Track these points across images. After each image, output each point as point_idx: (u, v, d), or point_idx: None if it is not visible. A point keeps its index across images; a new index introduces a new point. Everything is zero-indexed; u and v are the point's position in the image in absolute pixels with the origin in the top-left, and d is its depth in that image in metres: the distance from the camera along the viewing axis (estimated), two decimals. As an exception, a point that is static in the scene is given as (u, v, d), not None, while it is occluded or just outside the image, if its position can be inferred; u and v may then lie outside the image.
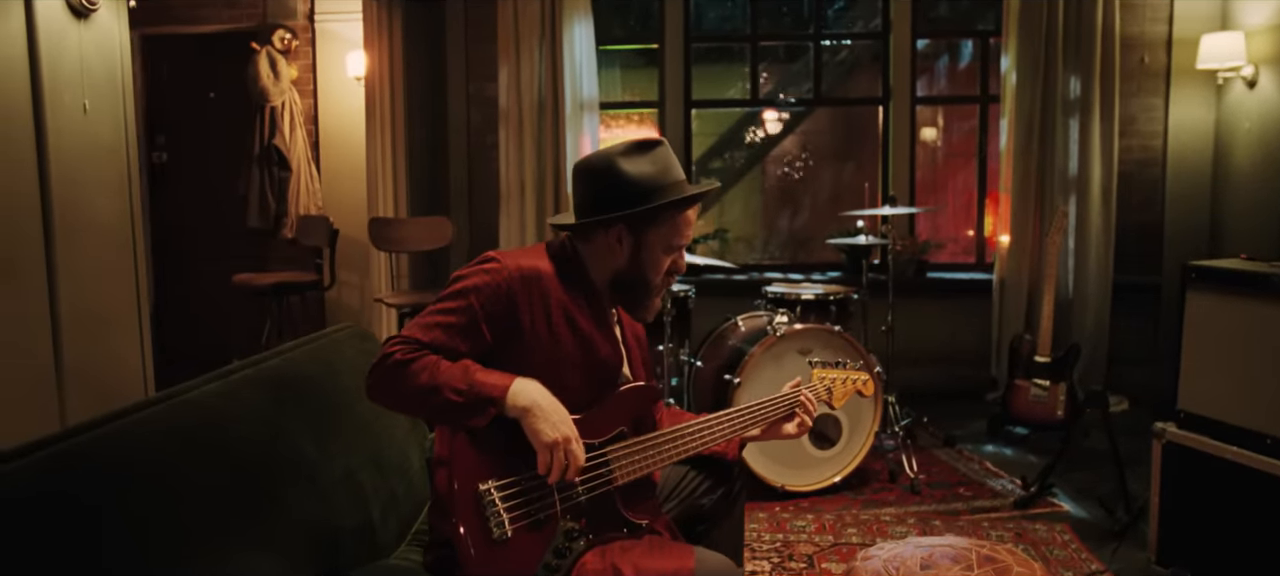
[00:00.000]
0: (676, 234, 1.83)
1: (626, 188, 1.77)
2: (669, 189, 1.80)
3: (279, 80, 5.26)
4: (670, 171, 1.82)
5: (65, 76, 2.41)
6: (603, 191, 1.79)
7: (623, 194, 1.77)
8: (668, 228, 1.81)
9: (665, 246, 1.83)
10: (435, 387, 1.61)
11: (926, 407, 4.49)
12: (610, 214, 1.77)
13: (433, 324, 1.69)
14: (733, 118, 6.20)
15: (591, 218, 1.79)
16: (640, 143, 1.83)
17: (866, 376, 2.27)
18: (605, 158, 1.81)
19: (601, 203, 1.79)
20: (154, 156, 5.74)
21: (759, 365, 3.49)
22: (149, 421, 1.53)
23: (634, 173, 1.78)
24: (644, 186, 1.78)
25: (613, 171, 1.78)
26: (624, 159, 1.79)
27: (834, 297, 4.06)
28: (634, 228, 1.80)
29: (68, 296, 2.39)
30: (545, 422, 1.62)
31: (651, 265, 1.83)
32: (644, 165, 1.80)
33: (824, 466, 3.59)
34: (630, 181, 1.78)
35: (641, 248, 1.81)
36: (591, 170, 1.82)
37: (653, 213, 1.79)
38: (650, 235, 1.81)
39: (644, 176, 1.79)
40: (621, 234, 1.80)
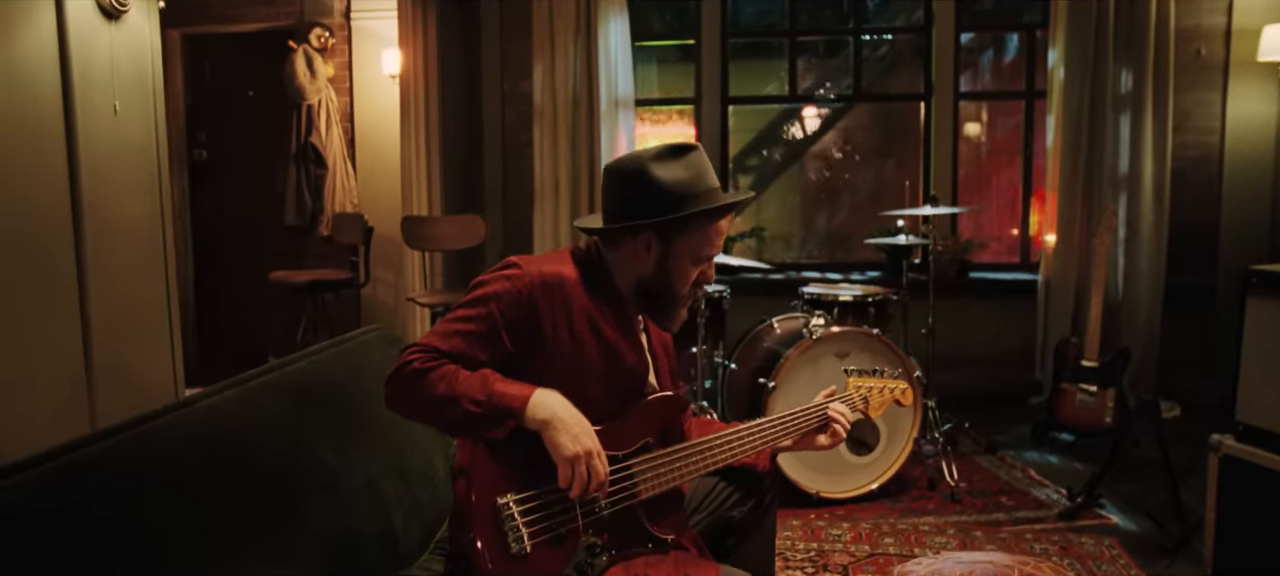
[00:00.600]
0: (707, 244, 1.76)
1: (657, 194, 1.71)
2: (701, 197, 1.73)
3: (315, 78, 5.29)
4: (703, 178, 1.76)
5: (96, 78, 2.41)
6: (632, 196, 1.73)
7: (653, 200, 1.71)
8: (698, 237, 1.75)
9: (694, 257, 1.76)
10: (453, 398, 1.57)
11: (968, 412, 4.36)
12: (639, 220, 1.71)
13: (452, 331, 1.64)
14: (771, 114, 6.10)
15: (620, 223, 1.74)
16: (675, 147, 1.77)
17: (905, 385, 2.19)
18: (637, 161, 1.75)
19: (631, 208, 1.73)
20: (195, 154, 5.81)
21: (794, 369, 3.41)
22: (166, 429, 1.51)
23: (666, 178, 1.72)
24: (676, 193, 1.72)
25: (644, 176, 1.72)
26: (656, 163, 1.73)
27: (872, 299, 3.96)
28: (663, 236, 1.74)
29: (98, 297, 2.39)
30: (566, 435, 1.56)
31: (679, 275, 1.76)
32: (677, 171, 1.73)
33: (861, 473, 3.50)
34: (662, 188, 1.71)
35: (669, 256, 1.75)
36: (622, 173, 1.76)
37: (682, 221, 1.72)
38: (679, 244, 1.75)
39: (676, 183, 1.72)
40: (650, 241, 1.74)
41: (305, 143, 5.35)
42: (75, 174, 2.32)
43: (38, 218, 2.24)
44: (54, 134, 2.28)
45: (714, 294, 4.02)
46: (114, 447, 1.39)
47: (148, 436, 1.46)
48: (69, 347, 2.32)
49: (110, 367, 2.42)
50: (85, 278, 2.34)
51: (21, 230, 2.17)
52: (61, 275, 2.32)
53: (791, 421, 1.94)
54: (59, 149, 2.29)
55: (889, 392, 2.17)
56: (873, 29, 5.75)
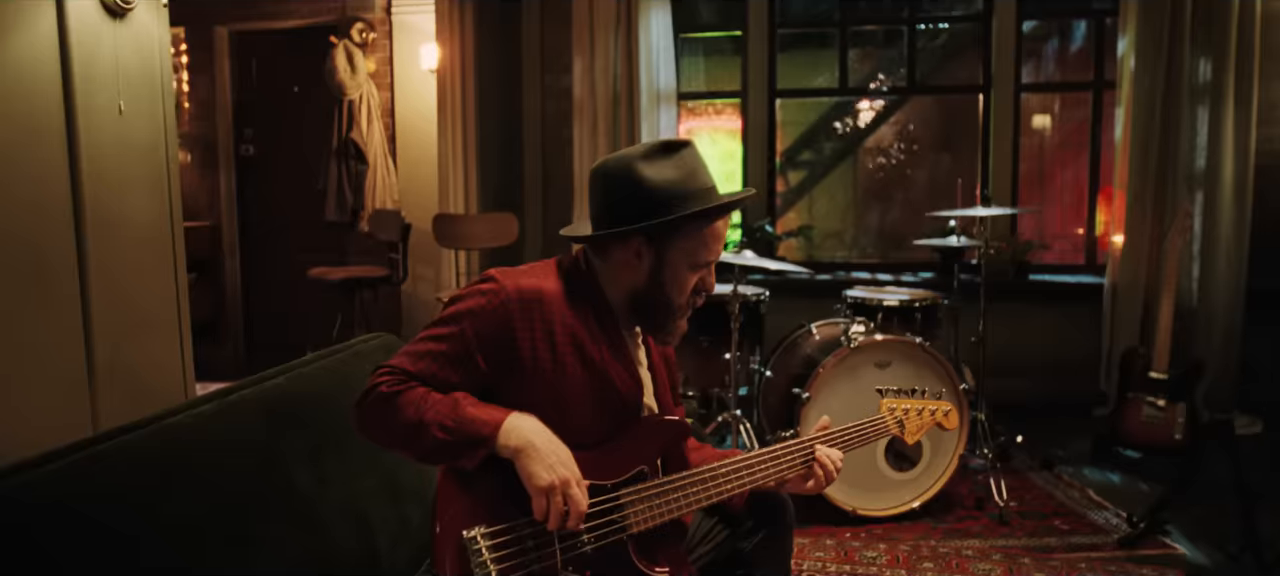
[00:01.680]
0: (703, 249, 1.62)
1: (645, 196, 1.57)
2: (694, 197, 1.58)
3: (356, 73, 5.26)
4: (696, 177, 1.61)
5: (99, 77, 2.37)
6: (619, 200, 1.59)
7: (641, 203, 1.57)
8: (693, 242, 1.60)
9: (690, 263, 1.62)
10: (421, 424, 1.45)
11: (1022, 425, 4.10)
12: (626, 225, 1.57)
13: (422, 352, 1.53)
14: (822, 108, 5.88)
15: (606, 230, 1.60)
16: (665, 144, 1.62)
17: (949, 407, 2.01)
18: (623, 161, 1.61)
19: (618, 212, 1.59)
20: (242, 150, 5.85)
21: (831, 379, 3.23)
22: (114, 454, 1.42)
23: (654, 178, 1.58)
24: (665, 194, 1.57)
25: (630, 177, 1.58)
26: (644, 162, 1.59)
27: (920, 304, 3.74)
28: (654, 241, 1.59)
29: (100, 297, 2.35)
30: (540, 464, 1.43)
31: (674, 284, 1.62)
32: (666, 170, 1.59)
33: (902, 490, 3.30)
34: (650, 188, 1.57)
35: (663, 264, 1.61)
36: (607, 175, 1.62)
37: (675, 224, 1.58)
38: (673, 250, 1.60)
39: (666, 183, 1.58)
40: (640, 248, 1.60)
41: (346, 138, 5.33)
42: (76, 174, 2.28)
43: (38, 218, 2.20)
44: (55, 134, 2.24)
45: (751, 297, 3.85)
46: (47, 477, 1.30)
47: (90, 463, 1.37)
48: (69, 348, 2.28)
49: (114, 369, 2.38)
50: (87, 277, 2.30)
51: (21, 230, 2.13)
52: (62, 275, 2.28)
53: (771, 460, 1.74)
54: (60, 149, 2.25)
55: (929, 415, 2.00)
56: (929, 17, 5.48)
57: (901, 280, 4.89)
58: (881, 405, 1.96)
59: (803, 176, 5.97)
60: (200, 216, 5.82)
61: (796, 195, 5.92)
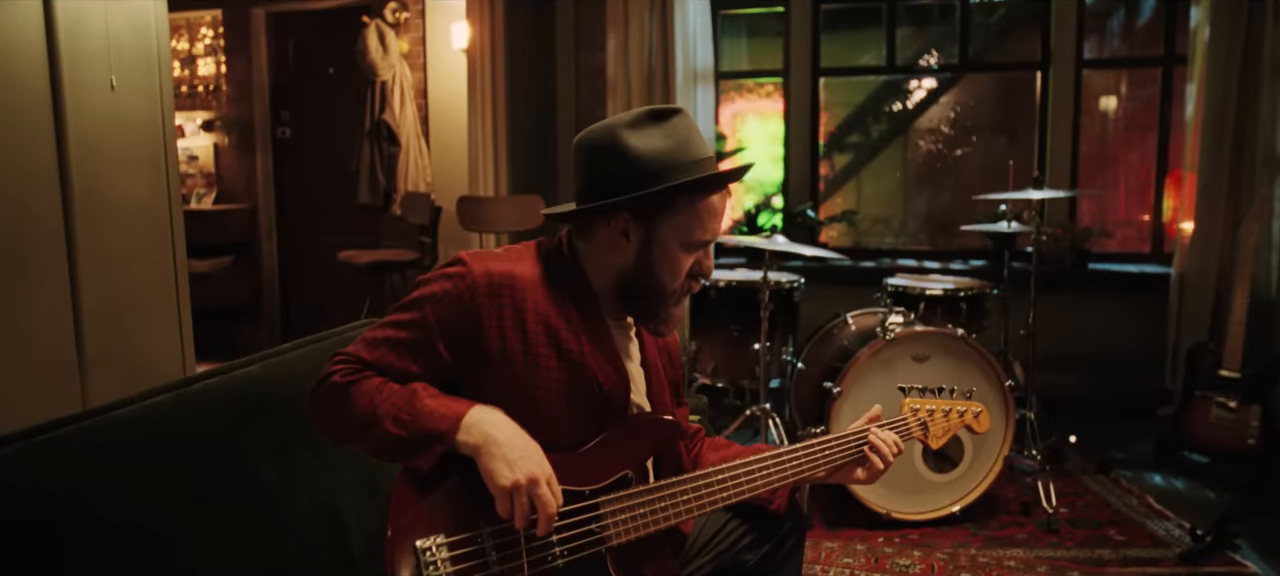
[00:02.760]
0: (697, 226, 1.45)
1: (631, 167, 1.41)
2: (685, 168, 1.42)
3: (388, 54, 5.18)
4: (689, 147, 1.44)
5: (88, 50, 2.28)
6: (602, 172, 1.43)
7: (626, 175, 1.41)
8: (685, 217, 1.43)
9: (684, 242, 1.45)
10: (374, 416, 1.32)
11: (1076, 424, 3.83)
12: (609, 199, 1.41)
13: (380, 339, 1.39)
14: (869, 88, 5.61)
15: (588, 204, 1.44)
16: (654, 111, 1.46)
17: (979, 408, 1.81)
18: (607, 130, 1.45)
19: (601, 186, 1.43)
20: (278, 132, 5.83)
21: (864, 373, 3.02)
22: (48, 449, 1.31)
23: (641, 148, 1.41)
24: (654, 165, 1.41)
25: (615, 147, 1.42)
26: (629, 131, 1.43)
27: (966, 293, 3.51)
28: (642, 217, 1.43)
29: (91, 278, 2.28)
30: (501, 462, 1.28)
31: (666, 266, 1.45)
32: (655, 139, 1.42)
33: (941, 492, 3.08)
34: (636, 159, 1.41)
35: (653, 243, 1.44)
36: (590, 146, 1.46)
37: (665, 198, 1.41)
38: (664, 227, 1.43)
39: (654, 153, 1.41)
40: (627, 225, 1.44)
41: (378, 120, 5.26)
42: (64, 151, 2.19)
43: (23, 196, 2.11)
44: (40, 110, 2.15)
45: (786, 284, 3.66)
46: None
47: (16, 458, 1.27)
48: (58, 331, 2.20)
49: (105, 352, 2.31)
50: (76, 257, 2.23)
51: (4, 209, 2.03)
52: (50, 255, 2.21)
53: (822, 451, 1.60)
54: (46, 126, 2.16)
55: (957, 417, 1.81)
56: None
57: (949, 268, 4.63)
58: (903, 405, 1.77)
59: (848, 159, 5.71)
60: (237, 199, 5.82)
61: (842, 179, 5.68)
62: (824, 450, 1.61)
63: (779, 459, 1.56)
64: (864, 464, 1.64)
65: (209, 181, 5.80)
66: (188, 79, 5.84)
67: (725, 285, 3.65)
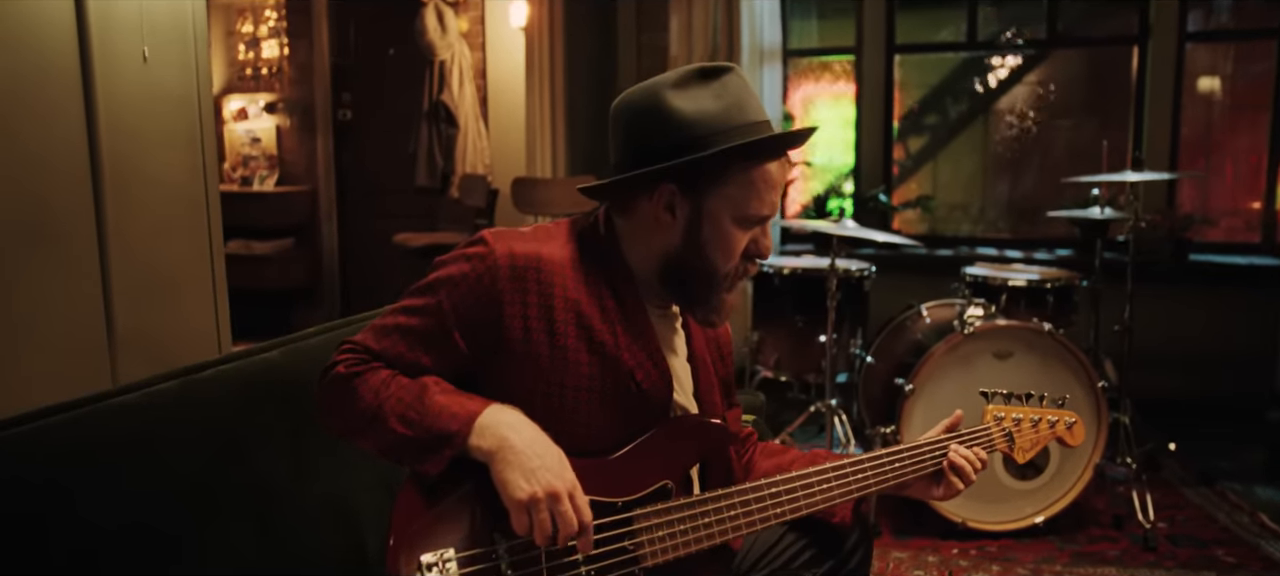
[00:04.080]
0: (754, 198, 1.26)
1: (676, 131, 1.23)
2: (738, 132, 1.23)
3: (446, 33, 5.08)
4: (743, 109, 1.25)
5: (119, 19, 2.20)
6: (643, 139, 1.26)
7: (671, 141, 1.23)
8: (739, 188, 1.25)
9: (738, 216, 1.26)
10: (379, 413, 1.17)
11: (1176, 430, 3.51)
12: (651, 166, 1.23)
13: (390, 327, 1.24)
14: (949, 65, 5.28)
15: (628, 173, 1.26)
16: (703, 69, 1.27)
17: (1073, 418, 1.60)
18: (649, 91, 1.27)
19: (642, 153, 1.25)
20: (339, 114, 5.80)
21: (939, 370, 2.78)
22: (33, 439, 1.20)
23: (687, 110, 1.23)
24: (702, 129, 1.22)
25: (657, 109, 1.24)
26: (674, 91, 1.25)
27: (1053, 284, 3.24)
28: (689, 188, 1.25)
29: (120, 256, 2.20)
30: (518, 471, 1.12)
31: (718, 245, 1.27)
32: (703, 99, 1.24)
33: (1023, 501, 2.83)
34: (682, 122, 1.23)
35: (702, 219, 1.26)
36: (630, 109, 1.28)
37: (715, 165, 1.23)
38: (714, 199, 1.25)
39: (703, 115, 1.23)
40: (672, 198, 1.25)
41: (437, 101, 5.17)
42: (93, 126, 2.11)
43: (50, 171, 2.03)
44: (68, 81, 2.08)
45: (856, 272, 3.42)
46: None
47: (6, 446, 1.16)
48: (87, 311, 2.13)
49: (136, 332, 2.23)
50: (105, 234, 2.15)
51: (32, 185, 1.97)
52: (78, 233, 2.14)
53: (892, 464, 1.41)
54: (75, 98, 2.09)
55: (1048, 427, 1.60)
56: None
57: (1033, 258, 4.32)
58: (985, 412, 1.56)
59: (924, 142, 5.40)
60: (299, 181, 5.82)
61: (918, 163, 5.37)
62: (896, 464, 1.42)
63: (842, 472, 1.37)
64: (941, 481, 1.43)
65: (271, 163, 5.81)
66: (252, 61, 5.85)
67: (790, 272, 3.44)
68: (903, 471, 1.41)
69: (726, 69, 1.27)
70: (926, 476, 1.44)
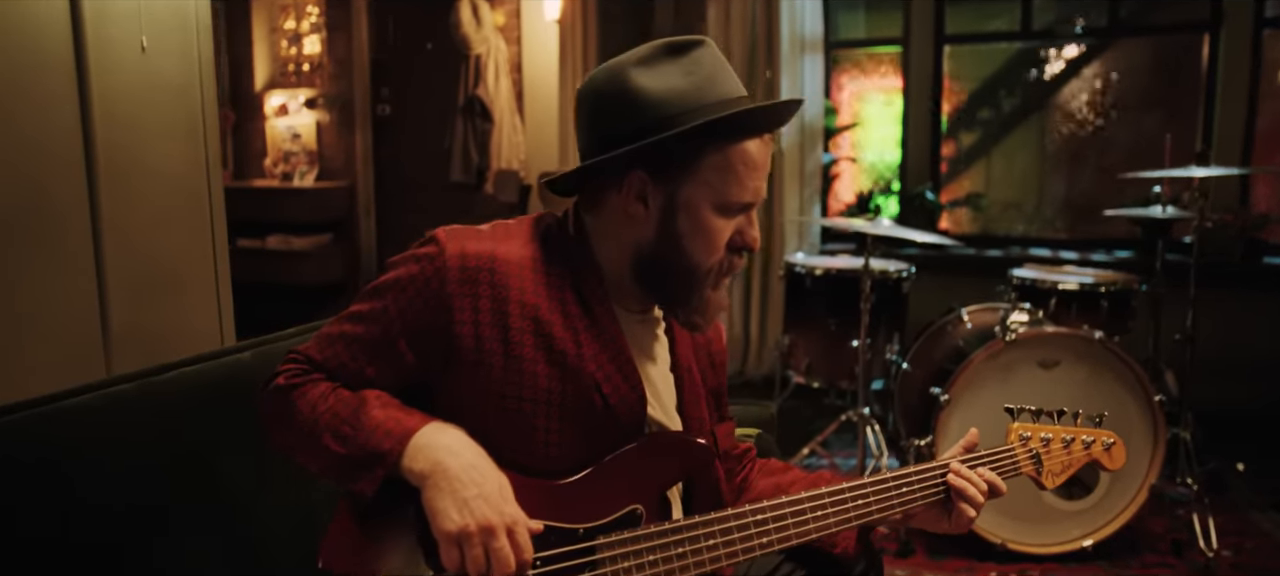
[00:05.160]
0: (733, 182, 1.12)
1: (643, 112, 1.10)
2: (712, 110, 1.10)
3: (481, 27, 5.02)
4: (717, 85, 1.12)
5: (116, 8, 2.14)
6: (607, 124, 1.13)
7: (637, 122, 1.10)
8: (716, 172, 1.11)
9: (717, 203, 1.13)
10: (314, 428, 1.07)
11: (1244, 448, 3.24)
12: (617, 150, 1.10)
13: (335, 334, 1.14)
14: (1002, 57, 5.03)
15: (592, 159, 1.14)
16: (669, 44, 1.14)
17: (1112, 438, 1.43)
18: (611, 71, 1.14)
19: (606, 139, 1.13)
20: (377, 109, 5.79)
21: (978, 378, 2.60)
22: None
23: (654, 88, 1.10)
24: (670, 109, 1.09)
25: (622, 90, 1.12)
26: (639, 68, 1.12)
27: (1107, 288, 3.02)
28: (660, 174, 1.12)
29: (116, 249, 2.15)
30: (449, 499, 1.01)
31: (698, 237, 1.13)
32: (671, 76, 1.11)
33: (1069, 523, 2.62)
34: (648, 101, 1.10)
35: (677, 209, 1.13)
36: (593, 92, 1.16)
37: (688, 146, 1.10)
38: (690, 186, 1.12)
39: (672, 94, 1.10)
40: (644, 186, 1.13)
41: (472, 95, 5.11)
42: (88, 117, 2.06)
43: (42, 164, 1.98)
44: (62, 71, 2.03)
45: (893, 272, 3.24)
46: None
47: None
48: (81, 307, 2.08)
49: (132, 327, 2.19)
50: (100, 227, 2.10)
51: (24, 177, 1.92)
52: (72, 227, 2.10)
53: (897, 489, 1.26)
54: (68, 89, 2.04)
55: (1082, 448, 1.43)
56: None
57: (1090, 259, 4.08)
58: (1010, 431, 1.40)
59: (976, 137, 5.15)
60: (338, 176, 5.82)
61: (969, 159, 5.13)
62: (898, 488, 1.27)
63: (839, 497, 1.22)
64: (949, 509, 1.28)
65: (311, 159, 5.82)
66: (295, 57, 5.87)
67: (822, 273, 3.27)
68: (907, 497, 1.26)
69: (698, 42, 1.14)
70: (935, 504, 1.28)
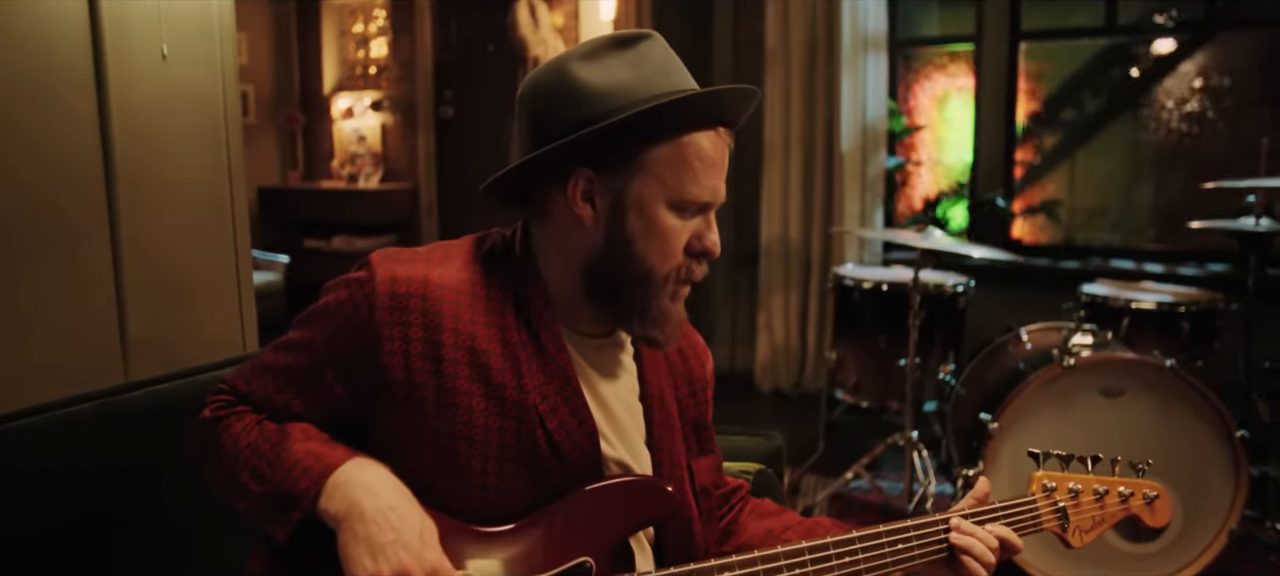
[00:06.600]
0: (687, 176, 1.02)
1: (586, 105, 1.01)
2: (656, 100, 1.00)
3: (538, 28, 4.98)
4: (667, 76, 1.02)
5: (136, 16, 2.13)
6: (548, 120, 1.03)
7: (580, 115, 1.01)
8: (667, 166, 1.01)
9: (671, 200, 1.02)
10: (234, 465, 1.00)
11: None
12: (556, 143, 1.00)
13: (263, 365, 1.07)
14: (1087, 53, 4.71)
15: (528, 156, 1.04)
16: (615, 38, 1.04)
17: (1155, 491, 1.27)
18: (553, 66, 1.05)
19: (547, 137, 1.03)
20: (441, 111, 5.83)
21: (1031, 406, 2.39)
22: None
23: (597, 82, 1.01)
24: (615, 101, 1.00)
25: (563, 84, 1.02)
26: (582, 62, 1.02)
27: (1188, 308, 2.76)
28: (606, 169, 1.02)
29: (135, 260, 2.15)
30: (363, 544, 0.92)
31: (651, 238, 1.03)
32: (617, 69, 1.01)
33: (1134, 568, 2.39)
34: (591, 94, 1.00)
35: (627, 208, 1.02)
36: (533, 90, 1.07)
37: (635, 136, 1.00)
38: (639, 183, 1.02)
39: (617, 86, 1.00)
40: (590, 184, 1.03)
41: (529, 98, 5.08)
42: (107, 125, 2.06)
43: (61, 174, 1.99)
44: (80, 80, 2.03)
45: (950, 286, 3.05)
46: None
47: None
48: (98, 317, 2.07)
49: (152, 340, 2.18)
50: (118, 237, 2.09)
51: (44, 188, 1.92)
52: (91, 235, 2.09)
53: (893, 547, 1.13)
54: (87, 98, 2.04)
55: (1117, 502, 1.28)
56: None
57: (1176, 273, 3.76)
58: (1031, 480, 1.24)
59: (1057, 140, 4.85)
60: (401, 178, 5.88)
61: (1048, 164, 4.83)
62: (892, 544, 1.13)
63: (821, 553, 1.09)
64: (955, 568, 1.13)
65: (376, 161, 5.90)
66: (362, 61, 5.96)
67: (872, 286, 3.09)
68: (904, 554, 1.12)
69: (645, 36, 1.04)
70: (938, 563, 1.14)
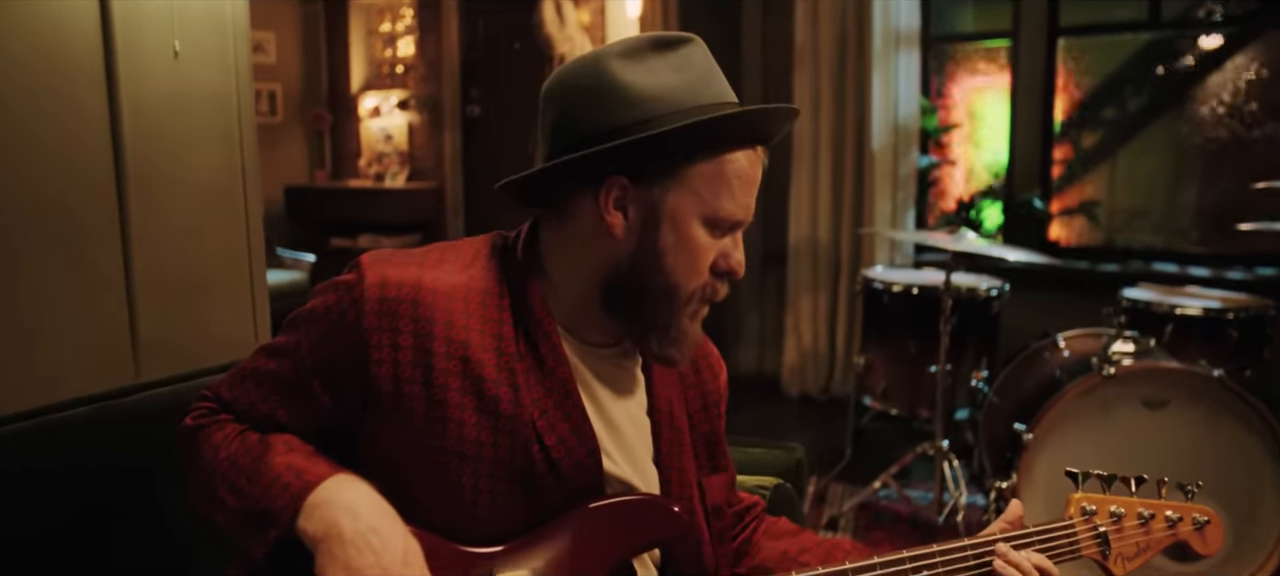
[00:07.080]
0: (725, 193, 0.96)
1: (628, 108, 0.94)
2: (707, 111, 0.94)
3: (565, 26, 4.93)
4: (711, 85, 0.96)
5: (148, 13, 2.11)
6: (586, 117, 0.96)
7: (621, 120, 0.94)
8: (707, 180, 0.95)
9: (706, 217, 0.96)
10: (213, 478, 0.95)
11: None
12: (595, 148, 0.94)
13: (247, 371, 1.02)
14: (1129, 49, 4.55)
15: (560, 159, 0.98)
16: (656, 38, 0.97)
17: (1206, 515, 1.19)
18: (591, 63, 0.98)
19: (583, 138, 0.96)
20: (467, 110, 5.80)
21: (1068, 417, 2.29)
22: None
23: (643, 84, 0.94)
24: (661, 106, 0.93)
25: (602, 84, 0.95)
26: (623, 62, 0.95)
27: (1236, 314, 2.63)
28: (644, 180, 0.95)
29: (146, 259, 2.14)
30: (342, 568, 0.86)
31: (682, 253, 0.97)
32: (661, 72, 0.95)
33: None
34: (635, 97, 0.94)
35: (661, 220, 0.96)
36: (566, 87, 1.00)
37: (679, 147, 0.93)
38: (676, 194, 0.95)
39: (663, 91, 0.94)
40: (624, 192, 0.96)
41: (555, 96, 5.03)
42: (117, 123, 2.04)
43: (72, 172, 1.98)
44: (91, 77, 2.01)
45: (984, 290, 2.94)
46: None
47: None
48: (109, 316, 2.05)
49: (162, 339, 2.16)
50: (129, 237, 2.07)
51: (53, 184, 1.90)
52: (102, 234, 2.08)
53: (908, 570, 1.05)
54: (98, 95, 2.02)
55: (1164, 527, 1.20)
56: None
57: (1224, 277, 3.61)
58: (1069, 503, 1.16)
59: (1097, 139, 4.70)
60: (428, 177, 5.87)
61: (1088, 163, 4.68)
62: (916, 570, 1.05)
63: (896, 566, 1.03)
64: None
65: (402, 159, 5.89)
66: (389, 60, 5.96)
67: (902, 289, 3.00)
68: (940, 575, 1.05)
69: (687, 39, 0.98)
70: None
